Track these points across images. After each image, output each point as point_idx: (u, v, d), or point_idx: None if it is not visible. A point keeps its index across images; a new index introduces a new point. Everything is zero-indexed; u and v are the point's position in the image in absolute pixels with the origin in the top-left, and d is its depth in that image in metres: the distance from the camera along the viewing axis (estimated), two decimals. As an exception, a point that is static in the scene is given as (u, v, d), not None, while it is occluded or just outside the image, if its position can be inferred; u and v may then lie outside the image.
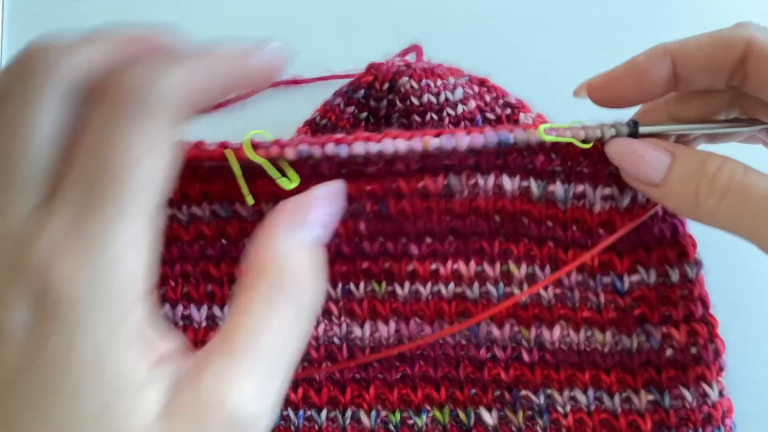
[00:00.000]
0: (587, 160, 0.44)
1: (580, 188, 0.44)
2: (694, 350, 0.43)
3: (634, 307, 0.44)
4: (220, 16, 0.63)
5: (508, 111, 0.50)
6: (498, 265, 0.45)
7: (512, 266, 0.45)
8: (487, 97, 0.50)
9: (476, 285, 0.45)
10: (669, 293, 0.44)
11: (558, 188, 0.44)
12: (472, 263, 0.46)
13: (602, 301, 0.45)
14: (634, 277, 0.45)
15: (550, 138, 0.41)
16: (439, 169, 0.43)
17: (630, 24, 0.60)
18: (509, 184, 0.44)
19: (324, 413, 0.46)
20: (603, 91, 0.43)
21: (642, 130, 0.42)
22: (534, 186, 0.44)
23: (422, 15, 0.60)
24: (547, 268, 0.45)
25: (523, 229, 0.45)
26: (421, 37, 0.55)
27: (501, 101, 0.50)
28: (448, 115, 0.48)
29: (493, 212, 0.44)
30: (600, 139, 0.42)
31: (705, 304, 0.44)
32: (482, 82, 0.51)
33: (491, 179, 0.44)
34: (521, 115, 0.49)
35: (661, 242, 0.45)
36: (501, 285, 0.45)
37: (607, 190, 0.44)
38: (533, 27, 0.60)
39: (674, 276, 0.44)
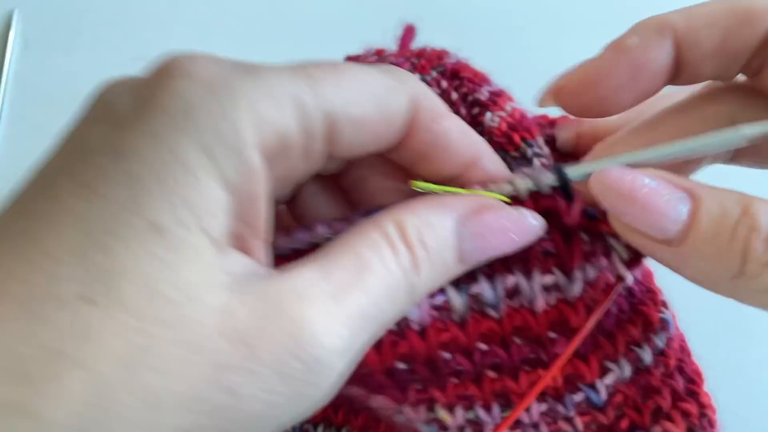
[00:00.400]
0: None
1: (510, 280, 0.32)
2: None
3: (620, 418, 0.34)
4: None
5: (476, 110, 0.42)
6: (422, 410, 0.34)
7: (441, 412, 0.34)
8: (454, 95, 0.43)
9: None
10: (650, 380, 0.34)
11: (483, 287, 0.32)
12: (383, 403, 0.36)
13: (580, 427, 0.34)
14: (608, 379, 0.34)
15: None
16: None
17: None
18: (414, 314, 0.31)
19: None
20: (580, 98, 0.31)
21: (573, 173, 0.30)
22: (455, 297, 0.32)
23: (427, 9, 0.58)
24: (495, 409, 0.34)
25: (443, 367, 0.33)
26: (426, 29, 0.52)
27: (471, 97, 0.43)
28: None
29: (391, 357, 0.32)
30: (517, 198, 0.30)
31: (683, 371, 0.34)
32: (455, 74, 0.44)
33: None
34: (487, 115, 0.41)
35: (620, 321, 0.34)
36: (434, 427, 0.35)
37: (548, 278, 0.32)
38: (538, 22, 0.59)
39: (647, 357, 0.34)
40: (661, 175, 0.28)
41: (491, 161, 0.32)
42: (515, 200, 0.31)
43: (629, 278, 0.32)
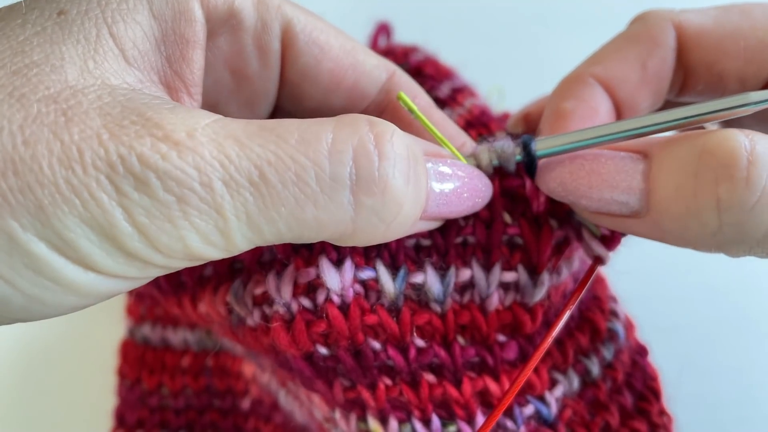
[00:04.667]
0: (474, 218, 0.28)
1: (465, 273, 0.28)
2: None
3: None
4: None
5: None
6: (353, 419, 0.30)
7: (372, 423, 0.29)
8: (413, 93, 0.42)
9: None
10: (597, 395, 0.31)
11: (429, 278, 0.28)
12: (320, 408, 0.32)
13: None
14: (557, 392, 0.30)
15: None
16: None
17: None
18: (334, 280, 0.27)
19: None
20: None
21: (543, 145, 0.27)
22: (385, 278, 0.28)
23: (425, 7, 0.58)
24: (435, 422, 0.29)
25: (371, 359, 0.29)
26: (425, 29, 0.51)
27: (431, 95, 0.41)
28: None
29: (307, 339, 0.27)
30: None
31: (633, 387, 0.32)
32: (419, 71, 0.42)
33: (306, 274, 0.27)
34: (446, 111, 0.37)
35: (569, 328, 0.31)
36: None
37: (509, 275, 0.28)
38: (537, 21, 0.58)
39: (594, 369, 0.31)
40: (609, 145, 0.26)
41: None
42: None
43: (607, 256, 0.29)
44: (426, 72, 0.43)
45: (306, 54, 0.28)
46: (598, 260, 0.29)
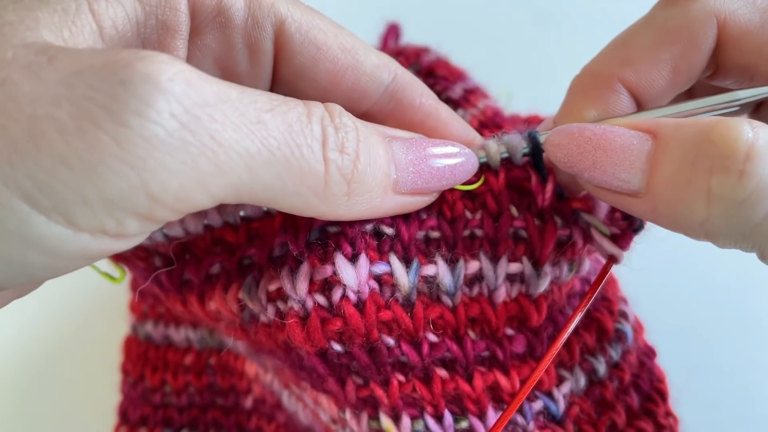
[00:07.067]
0: (482, 211, 0.29)
1: (473, 266, 0.29)
2: None
3: None
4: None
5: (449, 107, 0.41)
6: (364, 419, 0.30)
7: (384, 421, 0.29)
8: (425, 94, 0.42)
9: None
10: (603, 394, 0.31)
11: (441, 270, 0.29)
12: (328, 410, 0.32)
13: None
14: (564, 388, 0.31)
15: None
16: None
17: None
18: (350, 277, 0.27)
19: None
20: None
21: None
22: (400, 271, 0.28)
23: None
24: (447, 418, 0.29)
25: (385, 355, 0.29)
26: (434, 31, 0.50)
27: (444, 95, 0.41)
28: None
29: (322, 336, 0.28)
30: (488, 167, 0.28)
31: (639, 388, 0.32)
32: (431, 72, 0.43)
33: (323, 271, 0.27)
34: (458, 112, 0.38)
35: (575, 326, 0.31)
36: None
37: (514, 266, 0.29)
38: (546, 24, 0.58)
39: (601, 368, 0.31)
40: (621, 122, 0.26)
41: None
42: (488, 168, 0.29)
43: (621, 255, 0.29)
44: (438, 73, 0.43)
45: (302, 54, 0.27)
46: (612, 259, 0.29)
